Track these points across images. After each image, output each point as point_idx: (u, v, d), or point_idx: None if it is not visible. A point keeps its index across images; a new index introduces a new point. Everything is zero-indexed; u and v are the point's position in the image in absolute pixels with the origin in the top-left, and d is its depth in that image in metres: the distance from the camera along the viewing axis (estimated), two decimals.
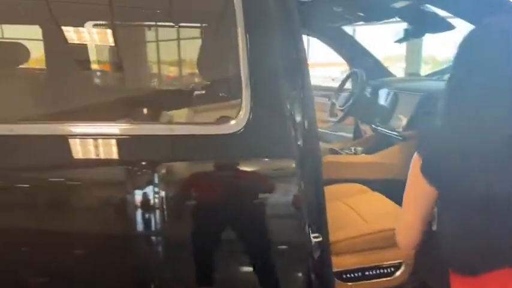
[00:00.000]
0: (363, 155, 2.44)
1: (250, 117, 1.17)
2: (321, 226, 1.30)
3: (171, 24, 1.50)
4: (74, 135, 1.11)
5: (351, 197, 1.94)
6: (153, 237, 1.16)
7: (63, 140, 1.10)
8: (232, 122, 1.15)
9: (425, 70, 6.81)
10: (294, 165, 1.19)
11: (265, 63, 1.23)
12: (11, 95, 1.42)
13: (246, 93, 1.19)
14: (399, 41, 2.41)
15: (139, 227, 1.13)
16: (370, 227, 1.65)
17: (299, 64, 1.28)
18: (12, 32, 1.87)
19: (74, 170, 1.13)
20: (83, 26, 1.88)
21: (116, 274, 1.15)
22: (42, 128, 1.11)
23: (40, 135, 1.09)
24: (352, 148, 2.51)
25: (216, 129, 1.17)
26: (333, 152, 2.50)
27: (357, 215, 1.79)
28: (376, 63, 3.07)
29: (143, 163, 1.09)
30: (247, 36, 1.21)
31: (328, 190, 2.06)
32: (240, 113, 1.17)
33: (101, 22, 1.78)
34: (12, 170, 1.09)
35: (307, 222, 1.25)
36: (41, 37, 1.75)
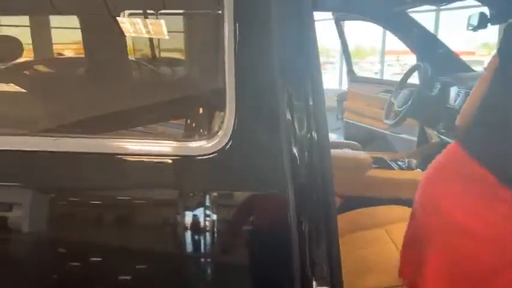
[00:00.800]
0: (418, 170, 2.02)
1: (231, 138, 0.87)
2: (333, 279, 0.98)
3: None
4: None
5: (392, 224, 1.56)
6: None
7: None
8: (200, 143, 0.85)
9: None
10: (285, 202, 0.86)
11: (261, 65, 0.92)
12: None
13: (230, 105, 0.89)
14: (474, 28, 1.93)
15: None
16: None
17: (308, 66, 0.95)
18: None
19: None
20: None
21: None
22: None
23: None
24: (406, 160, 2.08)
25: (174, 149, 0.86)
26: (381, 163, 2.10)
27: (396, 250, 1.42)
28: (449, 54, 2.57)
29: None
30: (237, 26, 0.90)
31: (365, 213, 1.73)
32: (219, 132, 0.88)
33: None
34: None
35: (308, 273, 0.93)
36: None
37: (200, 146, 0.85)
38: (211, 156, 0.84)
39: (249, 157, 0.88)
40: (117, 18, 1.22)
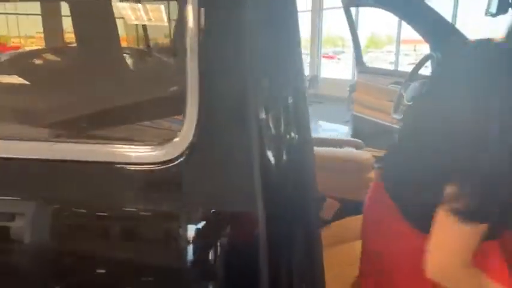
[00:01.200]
0: None
1: (191, 144, 0.72)
2: None
3: None
4: None
5: None
6: None
7: None
8: (147, 149, 0.71)
9: None
10: (254, 225, 0.71)
11: (230, 56, 0.77)
12: None
13: (191, 104, 0.74)
14: (493, 14, 1.73)
15: None
16: None
17: (288, 58, 0.79)
18: None
19: None
20: None
21: None
22: None
23: None
24: None
25: (114, 155, 0.73)
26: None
27: None
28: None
29: None
30: (202, 11, 0.75)
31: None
32: (175, 138, 0.73)
33: None
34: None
35: None
36: None
37: (148, 153, 0.70)
38: (163, 166, 0.70)
39: (212, 167, 0.74)
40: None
